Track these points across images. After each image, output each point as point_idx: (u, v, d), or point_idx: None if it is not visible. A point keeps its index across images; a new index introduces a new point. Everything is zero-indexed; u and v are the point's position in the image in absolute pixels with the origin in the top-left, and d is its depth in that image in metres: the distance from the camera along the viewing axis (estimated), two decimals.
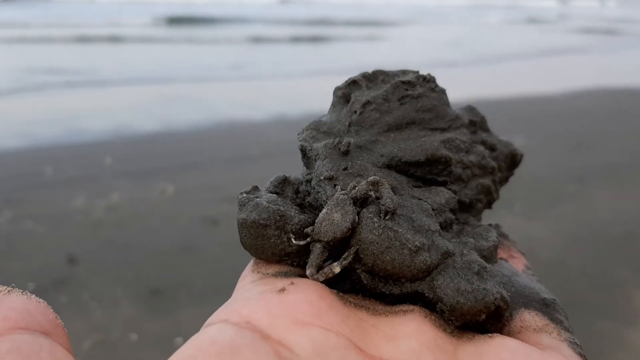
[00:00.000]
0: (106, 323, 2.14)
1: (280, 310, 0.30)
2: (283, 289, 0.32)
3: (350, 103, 0.43)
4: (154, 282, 2.40)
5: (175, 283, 2.40)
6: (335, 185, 0.37)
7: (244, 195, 0.38)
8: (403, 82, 0.43)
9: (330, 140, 0.40)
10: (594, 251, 2.76)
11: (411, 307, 0.33)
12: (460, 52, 9.80)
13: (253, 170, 3.71)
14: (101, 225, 2.95)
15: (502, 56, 9.41)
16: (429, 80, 0.44)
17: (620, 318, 2.23)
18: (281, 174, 0.41)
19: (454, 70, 7.84)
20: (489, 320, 0.33)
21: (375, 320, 0.32)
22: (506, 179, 0.48)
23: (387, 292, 0.34)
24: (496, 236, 0.39)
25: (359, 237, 0.34)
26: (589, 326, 2.16)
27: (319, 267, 0.34)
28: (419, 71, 0.45)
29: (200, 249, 2.70)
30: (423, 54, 9.48)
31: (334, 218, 0.34)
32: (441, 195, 0.39)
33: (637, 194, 3.51)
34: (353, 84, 0.45)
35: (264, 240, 0.36)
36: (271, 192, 0.39)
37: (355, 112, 0.42)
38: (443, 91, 0.44)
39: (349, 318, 0.31)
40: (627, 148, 4.41)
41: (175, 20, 15.05)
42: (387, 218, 0.34)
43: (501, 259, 0.40)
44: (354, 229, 0.34)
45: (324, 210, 0.35)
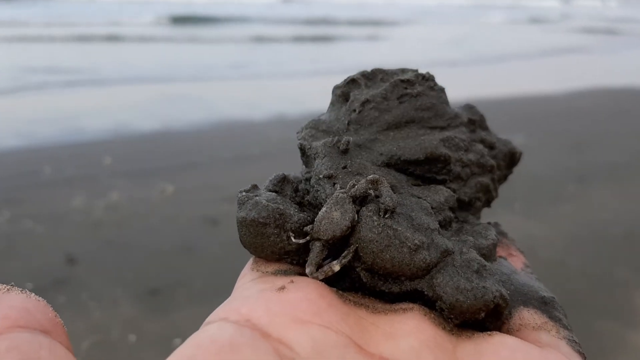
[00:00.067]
0: (105, 323, 2.14)
1: (280, 309, 0.30)
2: (283, 287, 0.32)
3: (349, 102, 0.43)
4: (154, 282, 2.40)
5: (174, 283, 2.40)
6: (334, 183, 0.38)
7: (243, 193, 0.38)
8: (402, 81, 0.43)
9: (330, 138, 0.40)
10: (594, 251, 2.76)
11: (410, 305, 0.33)
12: (461, 52, 9.79)
13: (253, 170, 3.70)
14: (100, 225, 2.94)
15: (504, 56, 9.40)
16: (428, 78, 0.44)
17: (620, 318, 2.22)
18: (280, 173, 0.41)
19: (456, 70, 7.83)
20: (488, 318, 0.33)
21: (374, 318, 0.32)
22: (505, 177, 0.48)
23: (387, 291, 0.34)
24: (495, 234, 0.39)
25: (359, 236, 0.34)
26: (589, 326, 2.15)
27: (319, 266, 0.34)
28: (418, 70, 0.45)
29: (200, 248, 2.70)
30: (424, 54, 9.47)
31: (334, 216, 0.34)
32: (440, 193, 0.39)
33: (638, 194, 3.51)
34: (352, 82, 0.45)
35: (264, 238, 0.36)
36: (270, 191, 0.39)
37: (355, 111, 0.42)
38: (442, 90, 0.44)
39: (348, 316, 0.31)
40: (628, 148, 4.40)
41: (177, 20, 15.04)
42: (387, 216, 0.34)
43: (500, 257, 0.40)
44: (353, 227, 0.34)
45: (324, 209, 0.35)
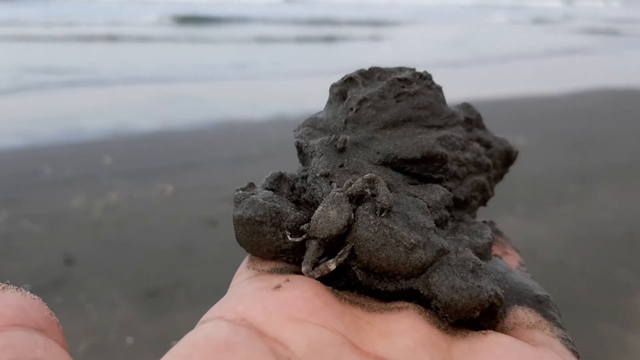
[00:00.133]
0: (102, 325, 2.12)
1: (276, 308, 0.30)
2: (278, 286, 0.32)
3: (346, 100, 0.43)
4: (152, 283, 2.39)
5: (173, 284, 2.39)
6: (331, 182, 0.38)
7: (239, 192, 0.38)
8: (399, 80, 0.43)
9: (327, 137, 0.40)
10: (595, 252, 2.75)
11: (406, 304, 0.33)
12: (463, 52, 9.78)
13: (253, 170, 3.69)
14: (99, 225, 2.94)
15: (505, 56, 9.39)
16: (425, 77, 0.44)
17: (621, 320, 2.21)
18: (277, 171, 0.41)
19: (457, 71, 7.83)
20: (483, 317, 0.33)
21: (370, 317, 0.32)
22: (501, 176, 0.48)
23: (382, 289, 0.34)
24: (491, 233, 0.39)
25: (355, 235, 0.34)
26: (590, 328, 2.14)
27: (315, 264, 0.34)
28: (415, 68, 0.45)
29: (200, 249, 2.69)
30: (426, 54, 9.46)
31: (330, 215, 0.34)
32: (437, 192, 0.39)
33: (639, 194, 3.50)
34: (349, 80, 0.45)
35: (260, 237, 0.36)
36: (267, 189, 0.39)
37: (352, 109, 0.42)
38: (439, 88, 0.44)
39: (344, 315, 0.31)
40: (629, 148, 4.39)
41: (178, 20, 15.05)
42: (383, 215, 0.34)
43: (495, 255, 0.40)
44: (349, 226, 0.34)
45: (320, 208, 0.35)
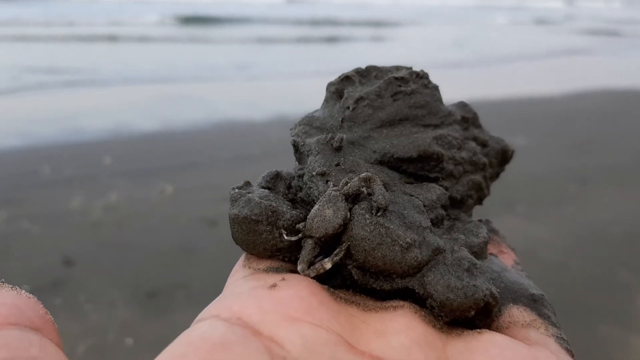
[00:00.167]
0: (101, 326, 2.11)
1: (272, 307, 0.30)
2: (274, 285, 0.32)
3: (343, 99, 0.43)
4: (151, 284, 2.38)
5: (173, 285, 2.38)
6: (327, 181, 0.38)
7: (236, 190, 0.38)
8: (396, 78, 0.43)
9: (323, 135, 0.40)
10: (596, 253, 2.73)
11: (401, 303, 0.33)
12: (464, 53, 9.76)
13: (253, 170, 3.68)
14: (99, 225, 2.93)
15: (507, 57, 9.37)
16: (422, 76, 0.44)
17: (623, 322, 2.18)
18: (273, 169, 0.41)
19: (459, 71, 7.81)
20: (478, 316, 0.33)
21: (365, 316, 0.32)
22: (497, 175, 0.48)
23: (378, 288, 0.34)
24: (486, 232, 0.39)
25: (351, 234, 0.34)
26: (590, 329, 2.12)
27: (310, 263, 0.34)
28: (412, 67, 0.45)
29: (199, 249, 2.68)
30: (427, 55, 9.44)
31: (326, 214, 0.34)
32: (432, 191, 0.39)
33: (639, 195, 3.48)
34: (346, 79, 0.45)
35: (256, 235, 0.36)
36: (263, 188, 0.39)
37: (348, 108, 0.42)
38: (436, 87, 0.44)
39: (339, 314, 0.31)
40: (630, 149, 4.37)
41: (179, 20, 15.04)
42: (379, 214, 0.34)
43: (491, 254, 0.41)
44: (345, 225, 0.34)
45: (316, 206, 0.35)
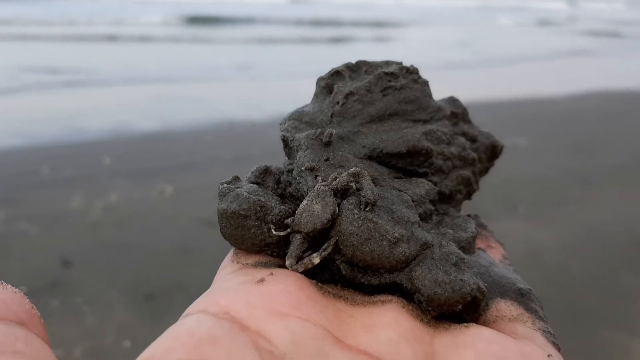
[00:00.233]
0: (99, 328, 2.09)
1: (259, 301, 0.30)
2: (262, 280, 0.32)
3: (333, 94, 0.43)
4: (150, 286, 2.36)
5: (172, 286, 2.35)
6: (316, 176, 0.38)
7: (224, 185, 0.38)
8: (386, 74, 0.43)
9: (312, 130, 0.40)
10: (598, 256, 2.70)
11: (389, 298, 0.33)
12: (467, 54, 9.72)
13: None
14: (98, 226, 2.90)
15: (510, 58, 9.34)
16: (412, 71, 0.44)
17: (625, 325, 2.16)
18: (262, 164, 0.41)
19: (461, 72, 7.78)
20: (465, 310, 0.33)
21: (353, 310, 0.32)
22: (486, 170, 0.48)
23: (366, 283, 0.34)
24: (475, 227, 0.40)
25: (339, 229, 0.34)
26: (593, 333, 2.09)
27: (299, 258, 0.34)
28: (402, 62, 0.45)
29: (199, 251, 2.66)
30: (430, 55, 9.38)
31: (314, 209, 0.34)
32: (421, 186, 0.40)
33: None
34: (336, 74, 0.45)
35: (244, 230, 0.36)
36: (252, 183, 0.40)
37: (338, 103, 0.42)
38: (426, 83, 0.44)
39: (327, 309, 0.31)
40: (632, 150, 4.34)
41: (183, 20, 14.96)
42: (367, 210, 0.34)
43: (479, 249, 0.41)
44: (334, 220, 0.34)
45: (305, 202, 0.35)
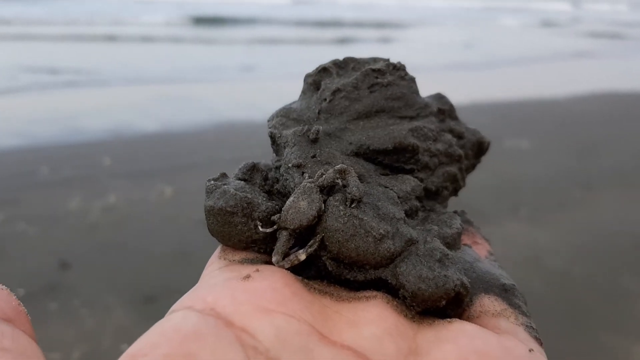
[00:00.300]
0: (97, 332, 2.07)
1: (245, 298, 0.30)
2: (248, 276, 0.32)
3: (320, 90, 0.43)
4: (149, 288, 2.33)
5: (171, 289, 2.33)
6: (303, 172, 0.38)
7: (211, 182, 0.38)
8: (373, 70, 0.43)
9: (300, 127, 0.40)
10: (600, 259, 2.66)
11: (374, 294, 0.34)
12: (471, 55, 9.67)
13: None
14: (96, 227, 2.88)
15: (513, 59, 9.30)
16: (398, 68, 0.44)
17: (628, 330, 2.13)
18: (250, 161, 0.41)
19: (465, 73, 7.75)
20: (449, 305, 0.34)
21: (338, 306, 0.33)
22: (473, 167, 0.48)
23: (352, 279, 0.35)
24: (460, 223, 0.40)
25: (325, 225, 0.34)
26: (595, 338, 2.07)
27: (285, 255, 0.35)
28: (389, 59, 0.45)
29: (198, 253, 2.63)
30: (434, 56, 9.35)
31: (300, 206, 0.34)
32: (407, 183, 0.40)
33: None
34: (324, 71, 0.45)
35: (231, 227, 0.36)
36: (240, 179, 0.40)
37: (325, 100, 0.42)
38: (412, 79, 0.44)
39: (312, 305, 0.32)
40: (635, 152, 4.30)
41: (187, 20, 14.93)
42: (353, 206, 0.34)
43: (465, 245, 0.41)
44: (319, 216, 0.34)
45: (291, 198, 0.35)
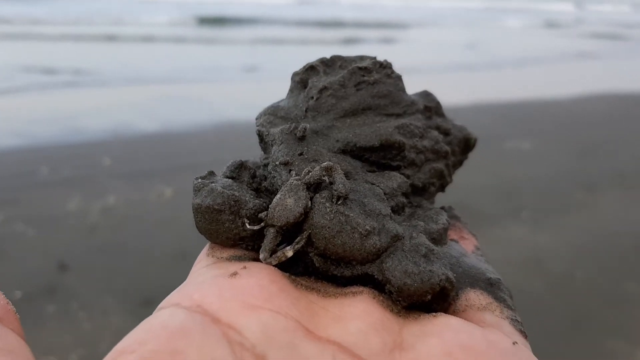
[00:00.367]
0: (95, 335, 2.04)
1: (232, 295, 0.30)
2: (235, 273, 0.32)
3: (307, 88, 0.44)
4: (148, 291, 2.31)
5: (170, 291, 2.31)
6: (290, 170, 0.38)
7: (199, 180, 0.38)
8: (360, 68, 0.43)
9: (287, 125, 0.41)
10: (603, 263, 2.63)
11: (361, 289, 0.34)
12: (474, 56, 9.66)
13: None
14: (95, 229, 2.85)
15: (516, 60, 9.27)
16: (385, 66, 0.44)
17: (630, 335, 2.11)
18: (238, 159, 0.41)
19: (468, 74, 7.73)
20: (435, 300, 0.34)
21: (325, 302, 0.33)
22: (460, 163, 0.48)
23: (339, 275, 0.35)
24: (446, 219, 0.40)
25: (311, 222, 0.34)
26: (598, 343, 2.05)
27: (273, 251, 0.35)
28: (376, 57, 0.45)
29: (198, 254, 2.61)
30: (437, 57, 9.32)
31: (287, 203, 0.35)
32: (394, 179, 0.40)
33: None
34: (311, 69, 0.45)
35: (219, 225, 0.36)
36: (227, 177, 0.40)
37: (312, 98, 0.43)
38: (399, 77, 0.45)
39: (299, 301, 0.32)
40: (638, 154, 4.27)
41: (191, 21, 14.87)
42: (339, 203, 0.35)
43: (452, 240, 0.41)
44: (306, 213, 0.35)
45: (278, 196, 0.36)
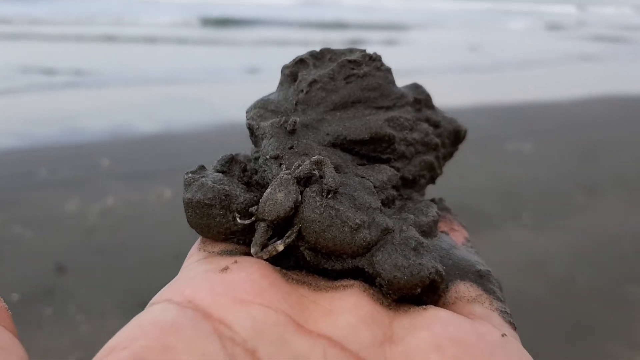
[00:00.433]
0: (93, 338, 2.03)
1: (223, 290, 0.30)
2: (226, 268, 0.32)
3: (297, 82, 0.44)
4: (147, 293, 2.28)
5: None
6: (281, 164, 0.38)
7: (189, 175, 0.39)
8: (349, 61, 0.43)
9: (277, 119, 0.41)
10: (604, 265, 2.62)
11: (351, 282, 0.34)
12: (477, 58, 9.61)
13: None
14: (94, 230, 2.83)
15: (518, 62, 9.25)
16: (375, 59, 0.44)
17: (632, 339, 2.10)
18: (228, 153, 0.41)
19: (470, 76, 7.71)
20: (425, 293, 0.34)
21: (316, 296, 0.33)
22: (451, 155, 0.49)
23: (330, 268, 0.35)
24: (436, 211, 0.40)
25: (302, 216, 0.35)
26: (598, 348, 2.04)
27: (263, 246, 0.35)
28: (365, 50, 0.45)
29: None
30: (439, 59, 9.30)
31: (277, 197, 0.35)
32: (384, 172, 0.40)
33: None
34: (300, 62, 0.45)
35: (210, 219, 0.36)
36: (218, 171, 0.40)
37: (302, 91, 0.43)
38: (389, 70, 0.45)
39: (290, 295, 0.32)
40: (639, 157, 4.27)
41: (194, 21, 14.84)
42: (329, 197, 0.35)
43: (443, 232, 0.41)
44: (297, 207, 0.35)
45: (268, 190, 0.36)
